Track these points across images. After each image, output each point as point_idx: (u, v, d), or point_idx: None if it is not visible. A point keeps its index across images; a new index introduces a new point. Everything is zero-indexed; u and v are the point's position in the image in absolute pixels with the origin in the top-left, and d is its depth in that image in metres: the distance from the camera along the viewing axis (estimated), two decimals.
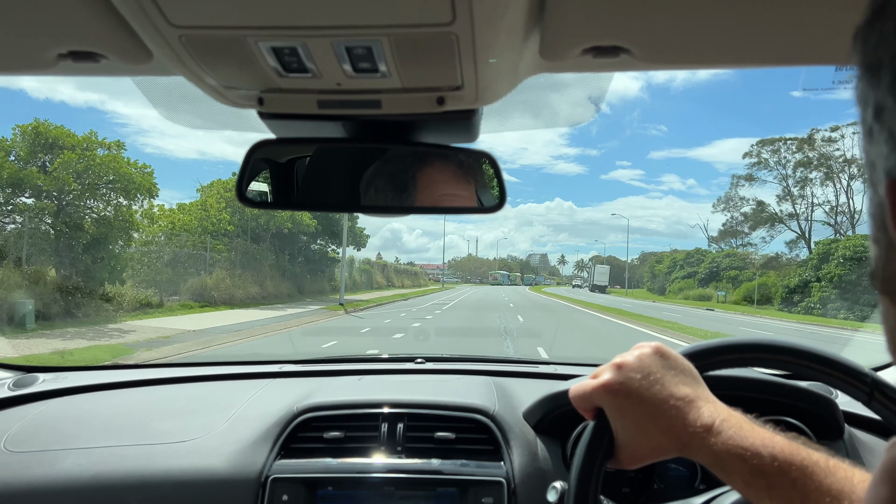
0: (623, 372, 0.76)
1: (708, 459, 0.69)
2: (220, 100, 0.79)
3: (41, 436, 1.58)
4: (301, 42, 0.62)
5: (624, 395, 0.75)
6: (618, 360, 0.78)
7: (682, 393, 0.73)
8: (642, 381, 0.75)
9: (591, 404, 0.80)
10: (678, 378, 0.75)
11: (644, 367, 0.76)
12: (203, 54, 0.66)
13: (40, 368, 2.05)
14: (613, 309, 30.02)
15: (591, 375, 0.80)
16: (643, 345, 0.80)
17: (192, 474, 1.46)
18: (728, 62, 0.69)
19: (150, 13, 0.57)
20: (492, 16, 0.58)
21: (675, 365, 0.77)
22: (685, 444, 0.70)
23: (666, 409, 0.72)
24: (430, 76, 0.70)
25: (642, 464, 0.77)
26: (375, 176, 0.97)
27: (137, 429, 1.61)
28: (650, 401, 0.73)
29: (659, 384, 0.74)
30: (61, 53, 0.69)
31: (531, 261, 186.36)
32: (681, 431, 0.71)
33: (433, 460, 1.50)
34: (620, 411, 0.76)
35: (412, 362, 2.17)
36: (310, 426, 1.57)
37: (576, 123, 1.03)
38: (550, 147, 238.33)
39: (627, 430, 0.75)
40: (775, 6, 0.59)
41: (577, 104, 0.97)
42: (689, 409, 0.71)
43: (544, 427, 1.56)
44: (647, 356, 0.77)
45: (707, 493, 1.01)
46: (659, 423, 0.72)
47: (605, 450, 0.79)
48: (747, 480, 0.65)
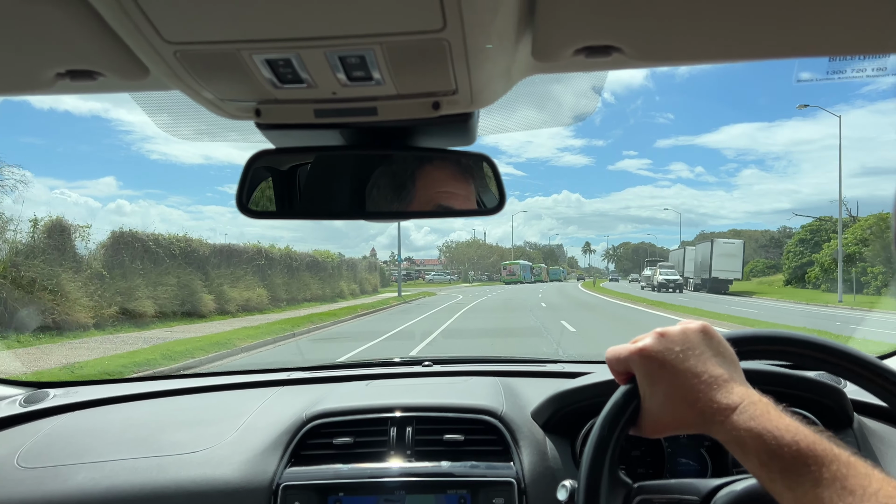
0: (663, 341, 0.77)
1: (727, 437, 0.69)
2: (218, 112, 0.80)
3: (53, 451, 1.59)
4: (294, 53, 0.62)
5: (659, 363, 0.76)
6: (661, 329, 0.79)
7: (716, 372, 0.74)
8: (680, 353, 0.75)
9: (624, 367, 0.81)
10: (717, 359, 0.76)
11: (686, 341, 0.77)
12: (198, 69, 0.66)
13: (51, 384, 2.07)
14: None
15: (631, 341, 0.81)
16: (690, 321, 0.81)
17: (203, 485, 1.47)
18: (719, 57, 0.70)
19: (144, 31, 0.58)
20: (482, 21, 0.58)
21: (717, 346, 0.78)
22: (708, 420, 0.71)
23: (696, 383, 0.73)
24: (423, 82, 0.71)
25: (663, 434, 0.78)
26: (376, 183, 0.98)
27: (148, 441, 1.62)
28: (684, 373, 0.74)
29: (696, 359, 0.75)
30: (59, 73, 0.70)
31: (555, 250, 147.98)
32: (706, 407, 0.71)
33: (443, 463, 1.50)
34: (651, 378, 0.76)
35: (419, 365, 2.18)
36: (319, 433, 1.58)
37: (577, 119, 1.03)
38: (556, 139, 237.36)
39: (655, 397, 0.76)
40: (764, 0, 0.59)
41: (577, 100, 0.97)
42: (720, 388, 0.72)
43: (553, 426, 1.56)
44: (691, 331, 0.78)
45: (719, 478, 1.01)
46: (687, 396, 0.73)
47: (630, 415, 0.79)
48: (763, 461, 0.65)
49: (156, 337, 13.48)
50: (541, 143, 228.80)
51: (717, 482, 0.92)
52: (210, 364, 10.29)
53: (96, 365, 9.81)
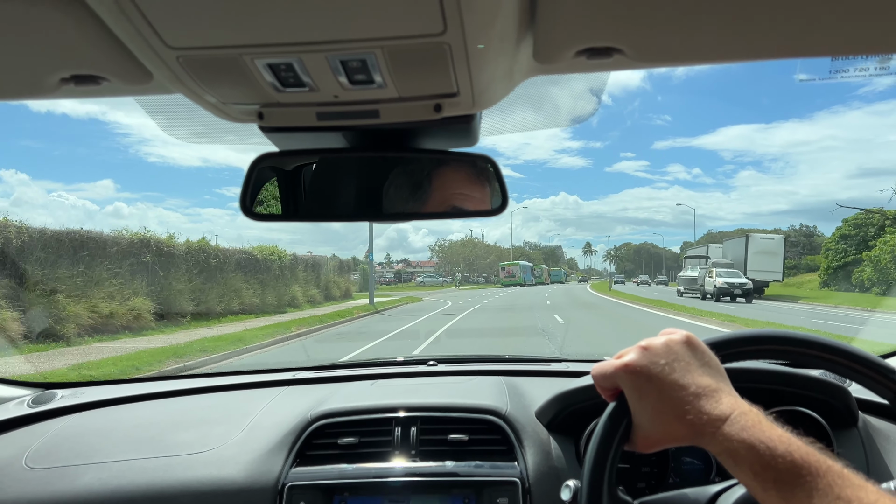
0: (647, 355, 0.76)
1: (719, 448, 0.69)
2: (221, 116, 0.80)
3: (61, 451, 1.61)
4: (296, 58, 0.63)
5: (645, 377, 0.75)
6: (644, 342, 0.78)
7: (704, 383, 0.73)
8: (665, 366, 0.74)
9: (611, 383, 0.80)
10: (703, 369, 0.75)
11: (670, 353, 0.76)
12: (201, 73, 0.67)
13: (58, 384, 2.08)
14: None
15: (615, 356, 0.80)
16: (673, 331, 0.80)
17: (209, 485, 1.48)
18: (722, 58, 0.70)
19: (147, 37, 0.59)
20: (482, 24, 0.58)
21: (702, 356, 0.77)
22: (699, 433, 0.70)
23: (684, 395, 0.72)
24: (425, 85, 0.71)
25: (655, 448, 0.77)
26: (380, 184, 0.98)
27: (155, 441, 1.63)
28: (670, 386, 0.73)
29: (681, 371, 0.74)
30: (63, 78, 0.71)
31: (556, 251, 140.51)
32: (695, 419, 0.71)
33: (447, 463, 1.51)
34: (639, 393, 0.76)
35: (424, 365, 2.18)
36: (324, 433, 1.59)
37: (577, 121, 1.03)
38: (553, 141, 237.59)
39: (644, 412, 0.76)
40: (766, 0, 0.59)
41: (578, 101, 0.97)
42: (708, 399, 0.71)
43: (557, 425, 1.57)
44: (675, 343, 0.77)
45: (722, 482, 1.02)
46: (675, 409, 0.72)
47: (623, 432, 0.79)
48: (756, 471, 0.65)
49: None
50: (538, 144, 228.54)
51: (717, 488, 0.92)
52: None
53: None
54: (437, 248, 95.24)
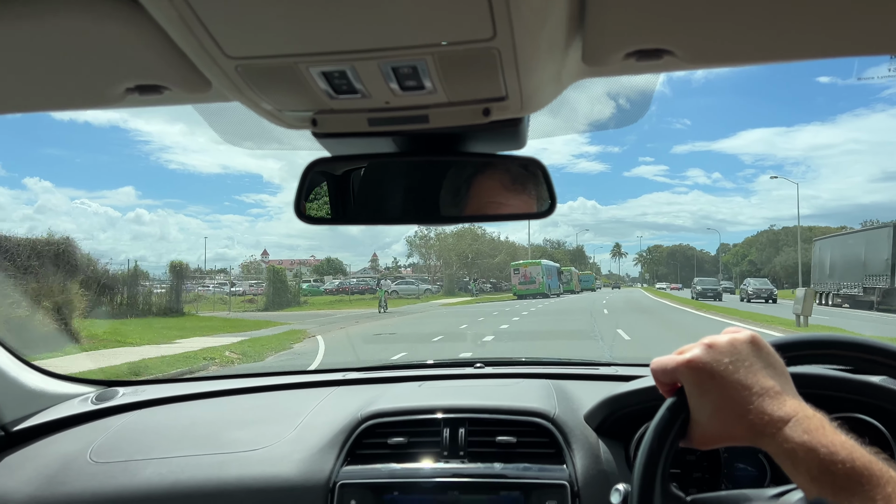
0: (712, 352, 0.75)
1: (778, 450, 0.68)
2: (276, 122, 0.83)
3: (123, 447, 1.67)
4: (350, 65, 0.64)
5: (708, 374, 0.74)
6: (708, 339, 0.77)
7: (767, 384, 0.72)
8: (729, 364, 0.73)
9: (671, 379, 0.79)
10: (767, 370, 0.74)
11: (734, 352, 0.74)
12: (258, 82, 0.69)
13: (119, 382, 2.17)
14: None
15: (676, 351, 0.79)
16: (737, 329, 0.78)
17: (264, 482, 1.52)
18: (773, 57, 0.68)
19: (207, 47, 0.61)
20: (532, 28, 0.59)
21: (767, 357, 0.75)
22: (758, 433, 0.69)
23: (747, 395, 0.71)
24: (474, 90, 0.72)
25: (711, 446, 0.76)
26: (428, 188, 0.99)
27: (211, 438, 1.69)
28: (733, 385, 0.72)
29: (745, 371, 0.73)
30: (129, 88, 0.74)
31: (581, 252, 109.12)
32: (756, 419, 0.69)
33: (496, 464, 1.51)
34: (700, 390, 0.74)
35: (471, 367, 2.18)
36: (374, 432, 1.61)
37: (626, 122, 1.02)
38: (571, 146, 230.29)
39: (703, 409, 0.74)
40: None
41: (626, 103, 0.97)
42: (771, 400, 0.70)
43: (606, 429, 1.55)
44: (739, 342, 0.76)
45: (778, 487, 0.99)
46: (737, 409, 0.71)
47: (680, 426, 0.78)
48: (814, 476, 0.64)
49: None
50: (556, 149, 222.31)
51: (773, 491, 0.90)
52: None
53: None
54: (420, 242, 60.07)
